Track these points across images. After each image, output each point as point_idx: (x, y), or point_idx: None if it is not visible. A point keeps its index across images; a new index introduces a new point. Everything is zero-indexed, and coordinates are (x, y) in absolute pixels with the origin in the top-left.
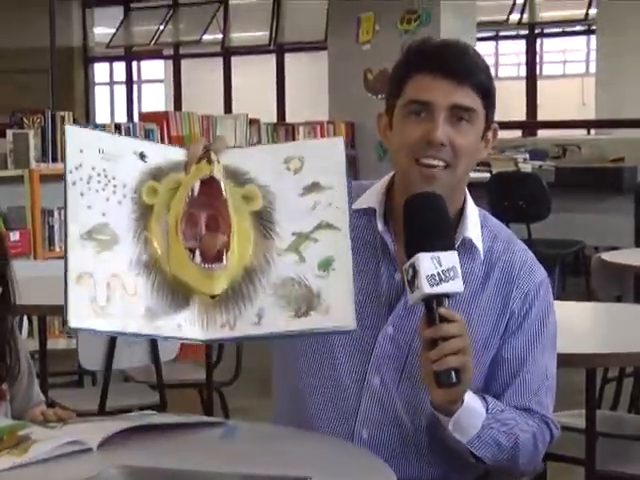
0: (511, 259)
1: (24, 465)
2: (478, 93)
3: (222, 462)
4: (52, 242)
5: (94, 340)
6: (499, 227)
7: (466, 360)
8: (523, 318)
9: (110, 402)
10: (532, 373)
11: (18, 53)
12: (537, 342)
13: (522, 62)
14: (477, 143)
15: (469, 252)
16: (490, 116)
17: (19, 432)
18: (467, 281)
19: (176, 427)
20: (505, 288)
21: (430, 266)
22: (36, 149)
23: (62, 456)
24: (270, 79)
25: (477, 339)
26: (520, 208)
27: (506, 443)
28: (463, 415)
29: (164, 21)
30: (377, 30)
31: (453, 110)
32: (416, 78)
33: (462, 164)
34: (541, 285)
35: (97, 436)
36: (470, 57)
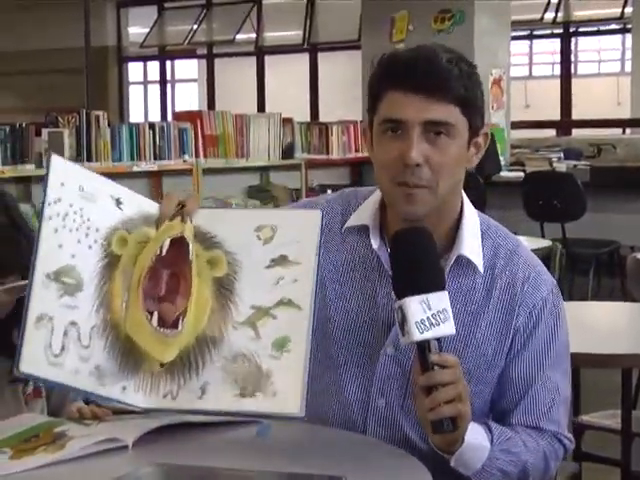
0: (514, 274)
1: (60, 462)
2: (455, 104)
3: (256, 460)
4: None
5: None
6: (502, 237)
7: (461, 408)
8: (529, 335)
9: None
10: (541, 391)
11: (53, 53)
12: (545, 359)
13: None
14: (461, 155)
15: (467, 269)
16: (475, 123)
17: (55, 429)
18: (468, 299)
19: (211, 425)
20: (509, 305)
21: (419, 311)
22: (71, 148)
23: (98, 453)
24: (303, 78)
25: (481, 357)
26: (555, 208)
27: (513, 470)
28: (464, 452)
29: (198, 21)
30: (411, 30)
31: (427, 126)
32: (388, 95)
33: (443, 181)
34: (547, 298)
35: (132, 433)
36: (442, 68)
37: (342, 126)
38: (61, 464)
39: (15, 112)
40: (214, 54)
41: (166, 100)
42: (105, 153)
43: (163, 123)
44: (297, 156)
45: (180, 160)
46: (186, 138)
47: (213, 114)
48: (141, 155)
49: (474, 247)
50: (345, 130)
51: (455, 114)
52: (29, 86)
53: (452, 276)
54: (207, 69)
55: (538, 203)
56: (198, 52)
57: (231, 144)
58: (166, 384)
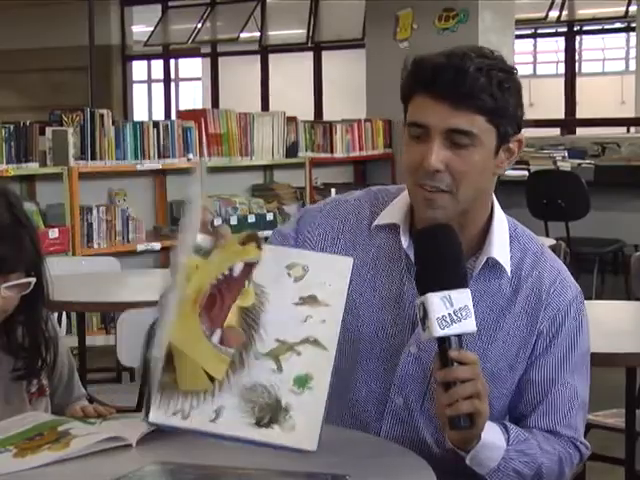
0: (540, 277)
1: (64, 460)
2: (481, 114)
3: (259, 459)
4: (90, 239)
5: (132, 337)
6: (530, 240)
7: (479, 405)
8: (552, 339)
9: None
10: (560, 396)
11: (57, 52)
12: (566, 363)
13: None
14: (485, 163)
15: (495, 271)
16: (505, 130)
17: (59, 427)
18: (494, 300)
19: None
20: (534, 308)
21: (440, 307)
22: (75, 147)
23: (101, 451)
24: (307, 77)
25: (503, 359)
26: (559, 206)
27: (528, 472)
28: (480, 451)
29: (202, 19)
30: (415, 28)
31: (450, 134)
32: (416, 98)
33: (464, 188)
34: (572, 303)
35: (136, 432)
36: (470, 77)
37: (346, 125)
38: (65, 462)
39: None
40: (218, 53)
41: (170, 99)
42: (109, 152)
43: (167, 122)
44: (301, 155)
45: (184, 159)
46: (190, 137)
47: (217, 113)
48: (145, 154)
49: (503, 250)
50: (349, 129)
51: (480, 123)
52: (33, 84)
53: (480, 278)
54: (211, 68)
55: (542, 202)
56: (202, 51)
57: (235, 143)
58: (177, 402)
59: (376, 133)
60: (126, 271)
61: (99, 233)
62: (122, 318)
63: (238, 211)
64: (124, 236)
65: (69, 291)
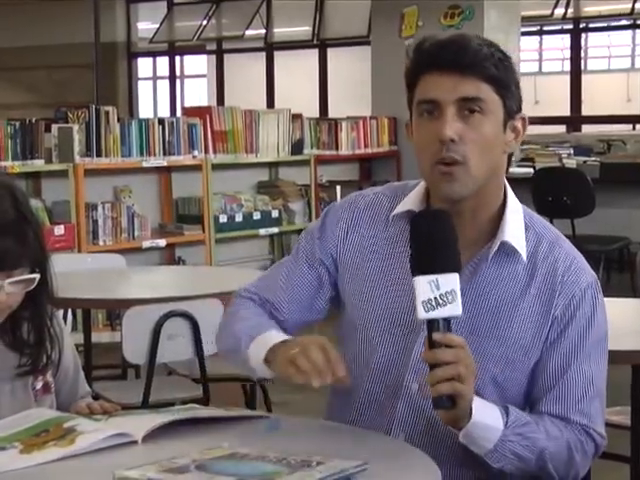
0: (554, 263)
1: (70, 456)
2: (487, 82)
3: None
4: (96, 236)
5: (138, 334)
6: (545, 228)
7: (460, 387)
8: (566, 325)
9: (153, 395)
10: (573, 382)
11: (63, 49)
12: (580, 350)
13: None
14: (497, 135)
15: (510, 256)
16: (510, 104)
17: (65, 424)
18: (508, 285)
19: (220, 421)
20: (548, 294)
21: (426, 290)
22: (80, 144)
23: (107, 448)
24: (313, 74)
25: (518, 344)
26: (564, 204)
27: (529, 455)
28: (472, 430)
29: (207, 16)
30: (420, 25)
31: (460, 103)
32: (423, 78)
33: (479, 158)
34: (587, 290)
35: (142, 429)
36: (473, 47)
37: (351, 122)
38: (71, 458)
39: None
40: (223, 50)
41: (175, 96)
42: (114, 148)
43: (172, 119)
44: (306, 152)
45: (189, 156)
46: (195, 134)
47: (222, 110)
48: (150, 151)
49: (518, 235)
50: (354, 126)
51: (487, 91)
52: (39, 81)
53: (494, 262)
54: (216, 65)
55: (548, 199)
56: (207, 48)
57: (240, 140)
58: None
59: (381, 130)
60: (131, 268)
61: (104, 230)
62: (127, 315)
63: (243, 208)
64: (129, 233)
65: (74, 288)
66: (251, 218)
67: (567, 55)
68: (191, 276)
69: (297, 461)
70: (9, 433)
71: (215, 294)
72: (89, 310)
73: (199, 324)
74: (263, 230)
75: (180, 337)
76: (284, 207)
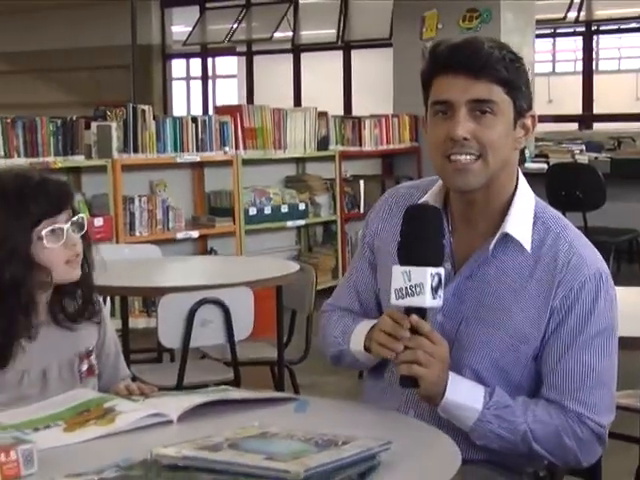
0: (556, 256)
1: (110, 435)
2: (498, 84)
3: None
4: (133, 227)
5: (173, 320)
6: (555, 220)
7: (418, 370)
8: (564, 315)
9: (187, 378)
10: (569, 369)
11: (102, 51)
12: (576, 339)
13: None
14: (508, 133)
15: (513, 247)
16: (520, 104)
17: (105, 404)
18: (510, 275)
19: (250, 402)
20: (548, 285)
21: (399, 280)
22: (118, 140)
23: (145, 427)
24: (337, 75)
25: (519, 332)
26: (577, 197)
27: (510, 436)
28: (447, 408)
29: (237, 20)
30: (440, 28)
31: (472, 104)
32: (437, 80)
33: (493, 155)
34: (586, 283)
35: (177, 409)
36: (485, 51)
37: (374, 120)
38: (110, 437)
39: (66, 106)
40: (253, 51)
41: (207, 95)
42: (150, 145)
43: (205, 117)
44: (331, 148)
45: (221, 152)
46: (227, 131)
47: (252, 108)
48: (184, 147)
49: (522, 227)
50: (377, 123)
51: (498, 93)
52: (79, 82)
53: (496, 252)
54: (246, 66)
55: (561, 193)
56: (238, 50)
57: (269, 136)
58: None
59: (403, 127)
60: (166, 258)
61: (141, 222)
62: (162, 302)
63: (272, 201)
64: (164, 225)
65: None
66: (279, 211)
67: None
68: (222, 266)
69: (324, 440)
70: (54, 412)
71: (245, 282)
72: (126, 297)
73: (230, 311)
74: (290, 222)
75: (212, 323)
76: (310, 200)
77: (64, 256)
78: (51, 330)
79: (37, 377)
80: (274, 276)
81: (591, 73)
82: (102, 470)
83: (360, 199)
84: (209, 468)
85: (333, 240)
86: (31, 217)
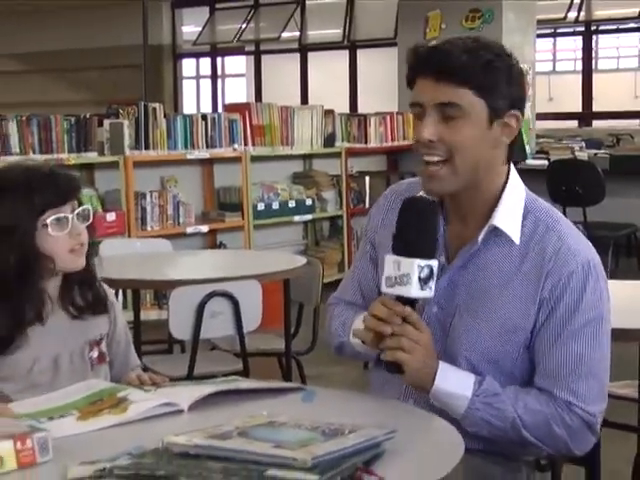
0: (545, 248)
1: (123, 424)
2: (466, 87)
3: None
4: (144, 222)
5: (183, 312)
6: (545, 213)
7: (401, 356)
8: (553, 306)
9: (197, 368)
10: (559, 359)
11: (114, 51)
12: (565, 329)
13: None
14: (479, 135)
15: (501, 239)
16: (495, 104)
17: (118, 394)
18: (500, 266)
19: (259, 392)
20: (536, 276)
21: (389, 269)
22: (130, 137)
23: (156, 416)
24: (343, 73)
25: (508, 322)
26: (577, 193)
27: (499, 424)
28: (437, 396)
29: (246, 20)
30: (443, 28)
31: (440, 108)
32: (416, 82)
33: (461, 158)
34: (573, 274)
35: (188, 399)
36: (454, 55)
37: (379, 117)
38: (123, 425)
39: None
40: (261, 51)
41: (217, 93)
42: (161, 142)
43: (214, 114)
44: (338, 145)
45: (230, 148)
46: (235, 128)
47: (260, 106)
48: (194, 144)
49: (511, 220)
50: (382, 121)
51: (466, 96)
52: (92, 81)
53: (486, 245)
54: (254, 65)
55: (561, 189)
56: (246, 49)
57: (277, 134)
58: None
59: (407, 125)
60: (177, 251)
61: (152, 217)
62: (173, 295)
63: (280, 197)
64: (175, 219)
65: (125, 270)
66: (287, 206)
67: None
68: (231, 259)
69: (330, 429)
70: (68, 402)
71: (254, 275)
72: (138, 290)
73: (239, 303)
74: (298, 217)
75: (222, 315)
76: (317, 196)
77: (68, 245)
78: (61, 319)
79: (48, 365)
80: (282, 269)
81: (590, 72)
82: (115, 458)
83: (365, 195)
84: (219, 456)
85: (339, 234)
86: (36, 207)
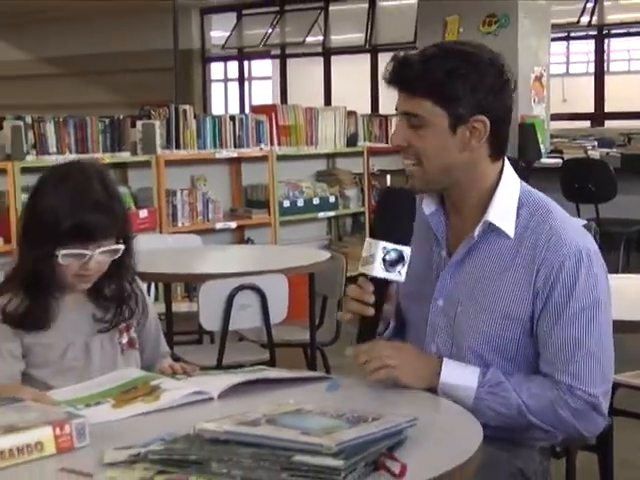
0: (537, 238)
1: (156, 411)
2: (425, 97)
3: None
4: (175, 219)
5: (213, 304)
6: (539, 204)
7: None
8: (548, 295)
9: (226, 358)
10: (558, 344)
11: (146, 55)
12: (561, 316)
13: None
14: (443, 141)
15: (497, 234)
16: (456, 112)
17: (151, 382)
18: (496, 259)
19: (286, 381)
20: (530, 266)
21: (364, 250)
22: (162, 137)
23: (188, 404)
24: (365, 76)
25: (506, 311)
26: (589, 190)
27: (506, 411)
28: (445, 390)
29: (272, 25)
30: (461, 32)
31: (406, 116)
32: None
33: (428, 162)
34: (565, 262)
35: (218, 387)
36: (413, 68)
37: None
38: (156, 413)
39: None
40: (286, 55)
41: (244, 95)
42: (191, 141)
43: (242, 115)
44: (360, 144)
45: (257, 148)
46: (262, 129)
47: (286, 107)
48: (223, 143)
49: (505, 215)
50: None
51: (426, 106)
52: (125, 83)
53: (481, 240)
54: (280, 68)
55: (574, 186)
56: (272, 53)
57: (302, 134)
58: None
59: None
60: (206, 246)
61: (183, 213)
62: (203, 288)
63: (304, 194)
64: (204, 216)
65: (157, 264)
66: (311, 203)
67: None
68: (259, 254)
69: (354, 417)
70: (103, 390)
71: (280, 270)
72: (169, 284)
73: (266, 296)
74: (322, 214)
75: (250, 307)
76: (340, 193)
77: (73, 270)
78: (92, 308)
79: (80, 350)
80: (307, 264)
81: (602, 74)
82: (149, 443)
83: None
84: (248, 442)
85: (361, 230)
86: (59, 236)
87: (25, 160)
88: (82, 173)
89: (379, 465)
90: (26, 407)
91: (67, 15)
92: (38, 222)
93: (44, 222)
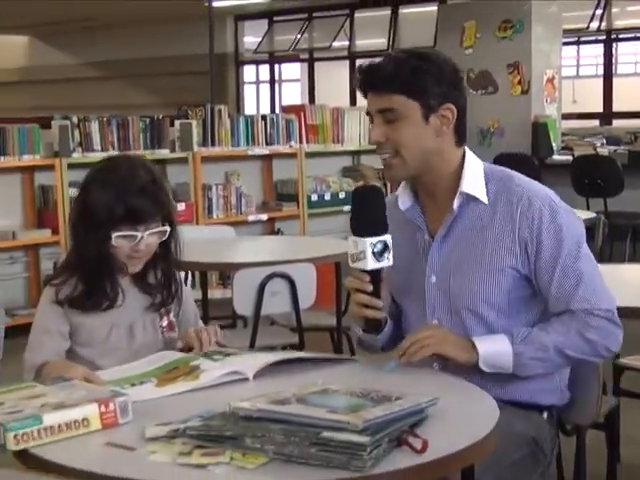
0: (510, 197)
1: (195, 390)
2: (398, 94)
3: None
4: (210, 211)
5: (246, 291)
6: (503, 173)
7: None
8: (538, 243)
9: (258, 341)
10: (563, 279)
11: (183, 59)
12: (559, 257)
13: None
14: (418, 129)
15: (472, 202)
16: (427, 102)
17: (191, 363)
18: (476, 223)
19: (314, 362)
20: (510, 221)
21: (351, 247)
22: (198, 135)
23: (225, 383)
24: None
25: (493, 266)
26: (598, 185)
27: (544, 355)
28: (487, 360)
29: (301, 31)
30: (478, 37)
31: (381, 113)
32: (367, 95)
33: (407, 151)
34: (542, 209)
35: (253, 367)
36: (383, 70)
37: None
38: (196, 391)
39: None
40: (314, 58)
41: (275, 96)
42: (226, 139)
43: (273, 115)
44: None
45: (287, 145)
46: (292, 127)
47: (314, 108)
48: (255, 141)
49: (475, 185)
50: None
51: (400, 101)
52: (164, 85)
53: (460, 210)
54: (308, 71)
55: (584, 181)
56: (301, 57)
57: (329, 132)
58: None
59: None
60: (239, 237)
61: (217, 206)
62: (237, 276)
63: (331, 189)
64: (238, 209)
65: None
66: (337, 197)
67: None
68: (288, 244)
69: (379, 396)
70: (147, 370)
71: (308, 259)
72: (205, 272)
73: (295, 283)
74: (347, 207)
75: (280, 294)
76: None
77: (125, 252)
78: (135, 292)
79: (124, 331)
80: (333, 253)
81: (611, 76)
82: (187, 420)
83: None
84: (280, 419)
85: None
86: (112, 220)
87: (71, 157)
88: (128, 164)
89: (402, 441)
90: (74, 386)
91: (111, 22)
92: (92, 209)
93: (97, 209)
